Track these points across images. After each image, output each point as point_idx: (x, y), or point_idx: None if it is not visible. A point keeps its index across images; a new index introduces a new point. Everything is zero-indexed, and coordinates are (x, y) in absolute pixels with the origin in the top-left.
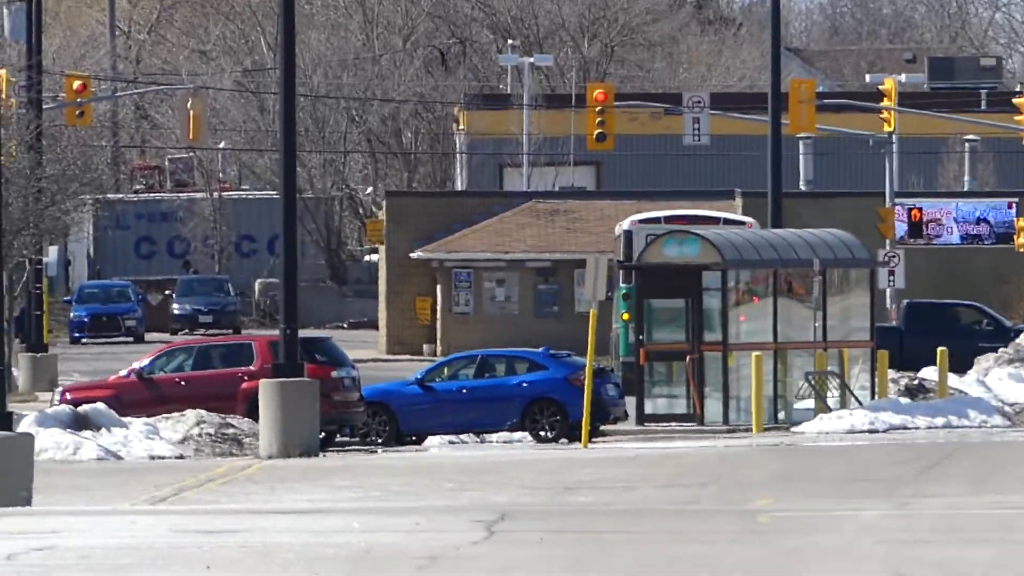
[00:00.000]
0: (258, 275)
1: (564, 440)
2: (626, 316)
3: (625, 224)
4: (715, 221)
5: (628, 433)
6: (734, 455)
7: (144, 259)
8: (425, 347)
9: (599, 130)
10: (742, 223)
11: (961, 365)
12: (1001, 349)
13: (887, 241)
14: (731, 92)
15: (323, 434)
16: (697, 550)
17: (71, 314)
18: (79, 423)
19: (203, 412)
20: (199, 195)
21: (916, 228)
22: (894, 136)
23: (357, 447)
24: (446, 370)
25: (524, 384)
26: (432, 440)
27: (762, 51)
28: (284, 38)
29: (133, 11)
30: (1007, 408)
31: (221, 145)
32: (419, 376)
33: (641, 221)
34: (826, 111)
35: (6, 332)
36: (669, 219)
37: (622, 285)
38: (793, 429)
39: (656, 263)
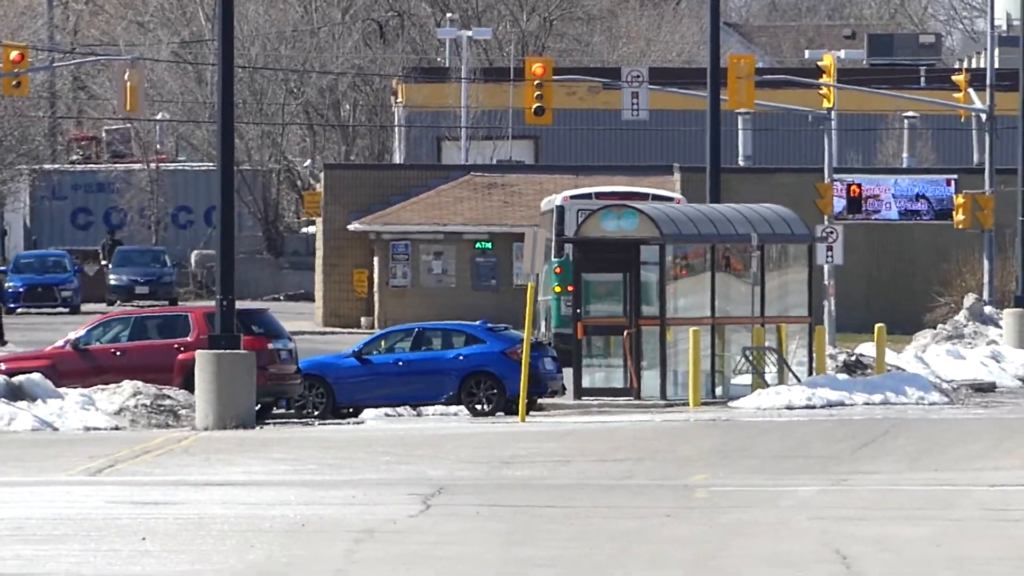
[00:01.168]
0: (195, 247)
1: (501, 414)
2: (558, 288)
3: (557, 200)
4: (644, 197)
5: (565, 407)
6: (671, 430)
7: (81, 229)
8: (362, 320)
9: (537, 104)
10: (671, 199)
11: None
12: (939, 326)
13: (825, 217)
14: (670, 67)
15: (259, 406)
16: (633, 525)
17: (6, 284)
18: (14, 393)
19: (139, 383)
20: (136, 166)
21: (855, 204)
22: (833, 112)
23: (293, 420)
24: (383, 343)
25: (461, 357)
26: (368, 413)
27: (701, 26)
28: (222, 9)
29: None
30: (945, 385)
31: (158, 116)
32: (356, 349)
33: (572, 197)
34: (765, 87)
35: None
36: (600, 195)
37: (554, 259)
38: (730, 404)
39: (594, 237)
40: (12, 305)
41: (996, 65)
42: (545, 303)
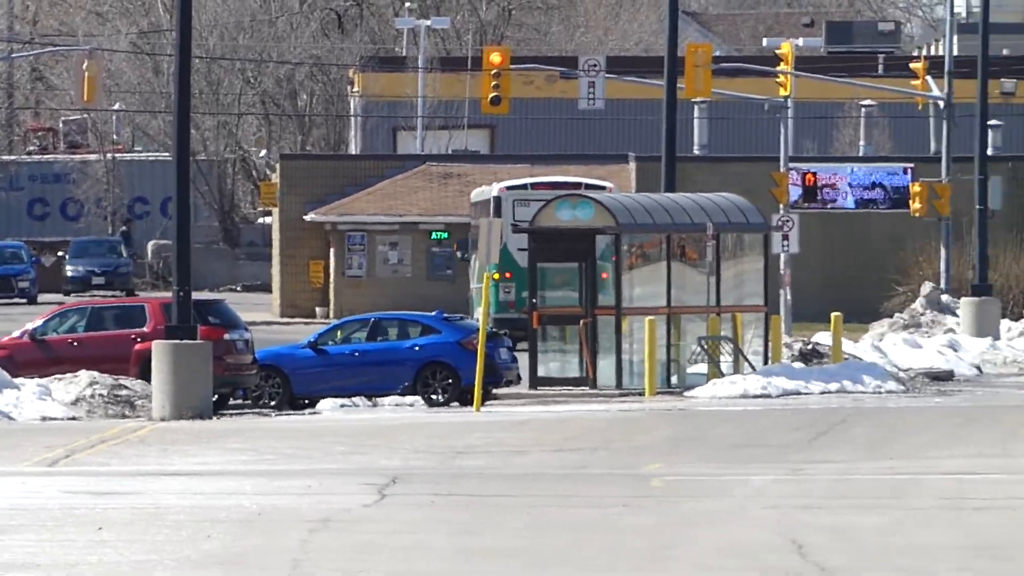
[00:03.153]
0: (151, 237)
1: (456, 404)
2: (495, 276)
3: (492, 191)
4: (576, 186)
5: (521, 397)
6: (626, 419)
7: (37, 220)
8: (318, 310)
9: (494, 93)
10: (603, 188)
11: None
12: (896, 314)
13: (781, 206)
14: (628, 56)
15: (216, 397)
16: (589, 514)
17: None
18: None
19: (96, 373)
20: (93, 157)
21: (810, 192)
22: (790, 100)
23: (250, 410)
24: (339, 333)
25: (417, 348)
26: (325, 403)
27: (660, 15)
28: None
29: None
30: (901, 373)
31: (115, 107)
32: (312, 339)
33: (508, 187)
34: (722, 75)
35: None
36: (535, 185)
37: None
38: (686, 394)
39: (549, 227)
40: None
41: (954, 53)
42: (478, 289)
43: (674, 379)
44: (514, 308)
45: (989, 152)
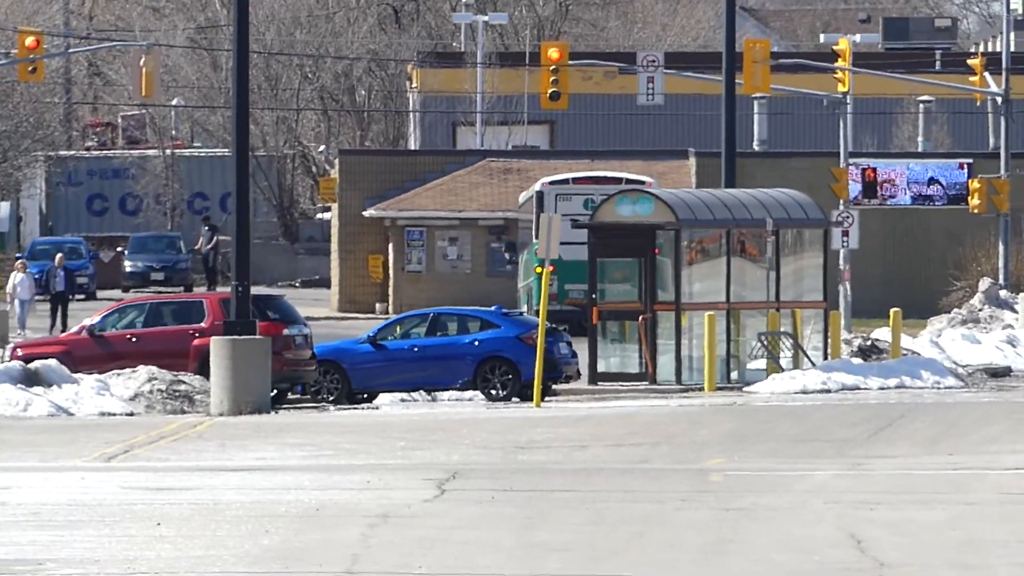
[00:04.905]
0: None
1: (516, 399)
2: (539, 269)
3: (536, 187)
4: (618, 181)
5: (580, 392)
6: (686, 414)
7: (96, 216)
8: (377, 305)
9: (553, 89)
10: (642, 183)
11: None
12: (955, 310)
13: (841, 201)
14: (686, 52)
15: (274, 392)
16: (648, 509)
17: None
18: (30, 379)
19: (154, 369)
20: (151, 152)
21: (870, 188)
22: (848, 96)
23: (308, 405)
24: (398, 328)
25: (476, 343)
26: (383, 398)
27: (717, 11)
28: None
29: None
30: (960, 369)
31: (174, 102)
32: (371, 334)
33: (551, 183)
34: (780, 71)
35: None
36: (576, 180)
37: (535, 241)
38: (745, 389)
39: (609, 222)
40: None
41: (1012, 48)
42: (527, 286)
43: (734, 374)
44: (556, 300)
45: None
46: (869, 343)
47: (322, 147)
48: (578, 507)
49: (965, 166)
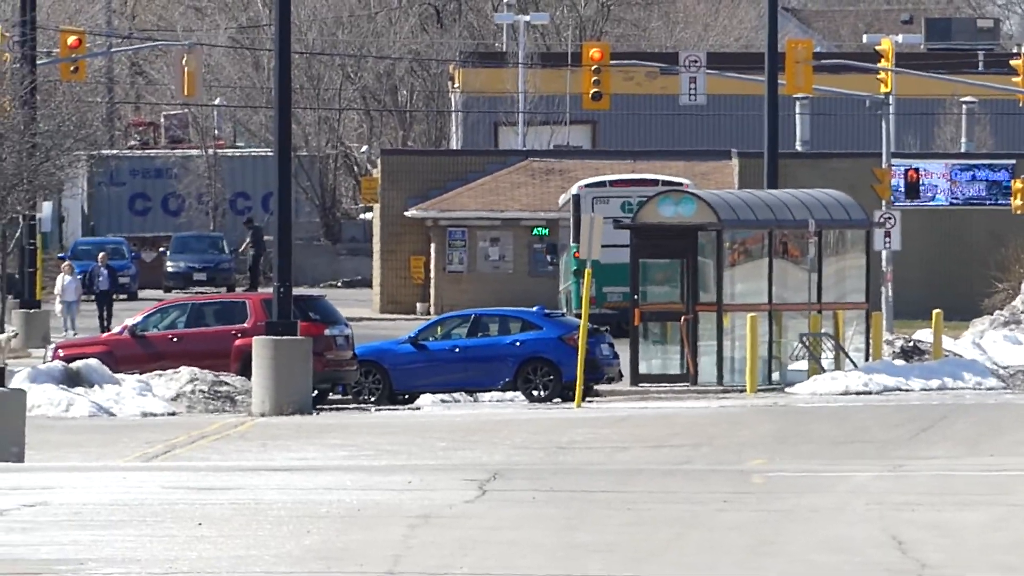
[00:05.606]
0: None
1: (557, 400)
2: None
3: (573, 189)
4: (654, 183)
5: (622, 393)
6: (728, 416)
7: (139, 215)
8: (418, 306)
9: (595, 89)
10: (680, 184)
11: None
12: (997, 312)
13: (883, 202)
14: (728, 52)
15: (316, 392)
16: (690, 510)
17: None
18: (72, 379)
19: (196, 369)
20: (194, 152)
21: (912, 189)
22: (891, 97)
23: (350, 406)
24: (439, 329)
25: (518, 343)
26: (425, 399)
27: (759, 11)
28: None
29: None
30: (1001, 370)
31: (216, 102)
32: (412, 335)
33: (587, 185)
34: (823, 71)
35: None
36: (613, 183)
37: (573, 244)
38: (787, 390)
39: (651, 223)
40: None
41: None
42: (566, 288)
43: (775, 376)
44: (595, 304)
45: None
46: (911, 344)
47: (364, 147)
48: (619, 508)
49: (1010, 167)
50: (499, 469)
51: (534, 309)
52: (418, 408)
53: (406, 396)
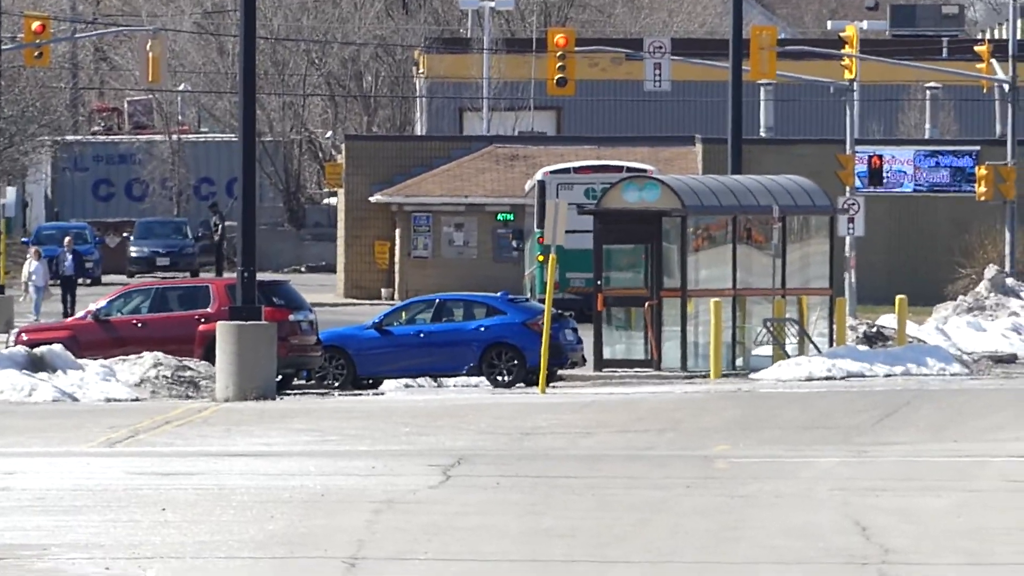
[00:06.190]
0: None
1: (521, 385)
2: (541, 258)
3: (538, 175)
4: (619, 169)
5: (586, 378)
6: (692, 401)
7: (102, 201)
8: (383, 291)
9: (559, 75)
10: (644, 171)
11: None
12: (960, 297)
13: (847, 188)
14: (693, 38)
15: (280, 377)
16: (654, 495)
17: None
18: (35, 364)
19: (160, 354)
20: (158, 137)
21: (876, 175)
22: (855, 83)
23: (314, 391)
24: (404, 314)
25: (482, 329)
26: (389, 384)
27: None
28: None
29: None
30: (965, 356)
31: (180, 87)
32: (377, 320)
33: (552, 172)
34: (787, 58)
35: None
36: (577, 169)
37: (537, 229)
38: (751, 376)
39: (615, 208)
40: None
41: (1018, 36)
42: (531, 274)
43: (739, 361)
44: (558, 289)
45: None
46: (875, 330)
47: (329, 132)
48: (583, 493)
49: (974, 153)
50: (463, 454)
51: (498, 294)
52: (382, 393)
53: (370, 381)
